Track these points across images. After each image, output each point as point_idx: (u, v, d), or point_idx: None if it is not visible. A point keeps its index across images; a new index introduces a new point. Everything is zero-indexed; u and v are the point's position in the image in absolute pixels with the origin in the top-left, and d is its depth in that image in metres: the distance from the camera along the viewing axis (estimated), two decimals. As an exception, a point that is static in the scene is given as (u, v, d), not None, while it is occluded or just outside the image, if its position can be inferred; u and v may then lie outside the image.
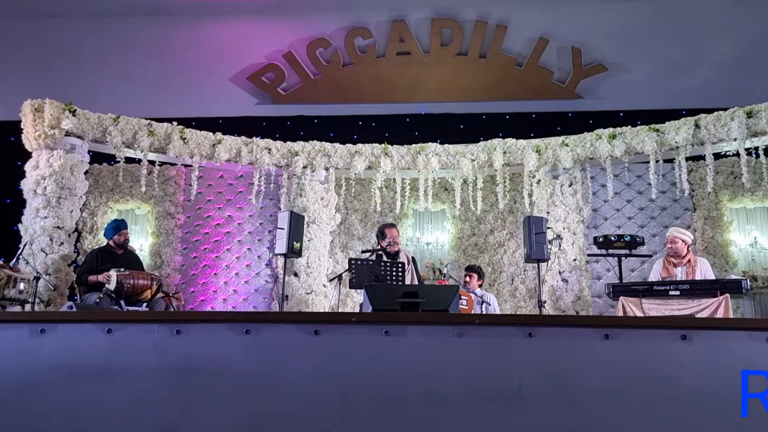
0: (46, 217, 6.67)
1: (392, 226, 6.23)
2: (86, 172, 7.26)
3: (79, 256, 7.14)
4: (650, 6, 9.14)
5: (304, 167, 7.76)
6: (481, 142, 7.71)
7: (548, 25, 9.41)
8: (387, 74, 9.71)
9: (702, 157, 7.20)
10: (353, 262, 5.52)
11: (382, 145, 7.77)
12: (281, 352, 3.01)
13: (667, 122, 6.98)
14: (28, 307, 5.53)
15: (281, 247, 6.72)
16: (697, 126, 6.75)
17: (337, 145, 7.85)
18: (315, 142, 7.90)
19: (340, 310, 6.91)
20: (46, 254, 6.59)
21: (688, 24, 9.14)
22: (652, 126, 7.03)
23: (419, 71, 9.66)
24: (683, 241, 5.87)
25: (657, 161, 6.94)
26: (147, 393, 2.95)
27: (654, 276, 5.97)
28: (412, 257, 6.21)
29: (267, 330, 3.06)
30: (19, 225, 6.79)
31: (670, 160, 7.05)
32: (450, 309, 3.72)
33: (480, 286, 6.74)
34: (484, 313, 6.03)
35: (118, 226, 6.49)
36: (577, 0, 9.31)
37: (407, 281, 5.67)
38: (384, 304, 3.72)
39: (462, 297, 5.66)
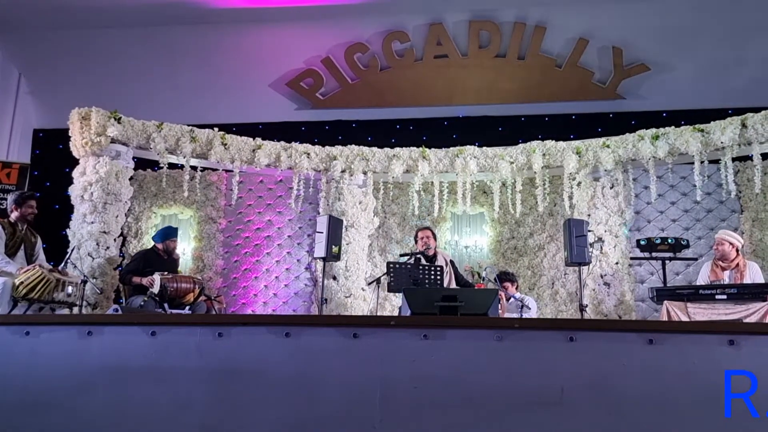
0: (92, 222, 6.84)
1: (425, 228, 6.23)
2: (131, 178, 7.43)
3: (124, 260, 7.32)
4: (695, 3, 8.91)
5: (343, 171, 7.81)
6: (520, 145, 7.64)
7: (588, 25, 9.24)
8: (425, 78, 9.68)
9: (749, 158, 6.97)
10: (391, 265, 5.54)
11: (420, 148, 7.77)
12: (321, 355, 3.04)
13: (712, 122, 6.80)
14: (75, 310, 5.68)
15: (320, 250, 6.77)
16: (743, 125, 6.57)
17: (375, 149, 7.88)
18: (353, 146, 7.96)
19: (378, 314, 6.92)
20: (93, 258, 6.76)
21: (734, 20, 8.87)
22: (696, 126, 6.86)
23: (457, 74, 9.60)
24: (731, 244, 5.73)
25: (702, 162, 6.76)
26: (190, 394, 3.01)
27: (702, 279, 5.83)
28: (451, 260, 6.19)
29: (307, 333, 3.09)
30: (67, 230, 7.00)
31: (716, 161, 6.87)
32: (489, 313, 3.70)
33: (516, 289, 6.68)
34: (523, 317, 5.97)
35: (167, 233, 6.66)
36: (618, -1, 9.15)
37: (446, 284, 5.66)
38: (423, 307, 3.72)
39: (498, 301, 5.63)
